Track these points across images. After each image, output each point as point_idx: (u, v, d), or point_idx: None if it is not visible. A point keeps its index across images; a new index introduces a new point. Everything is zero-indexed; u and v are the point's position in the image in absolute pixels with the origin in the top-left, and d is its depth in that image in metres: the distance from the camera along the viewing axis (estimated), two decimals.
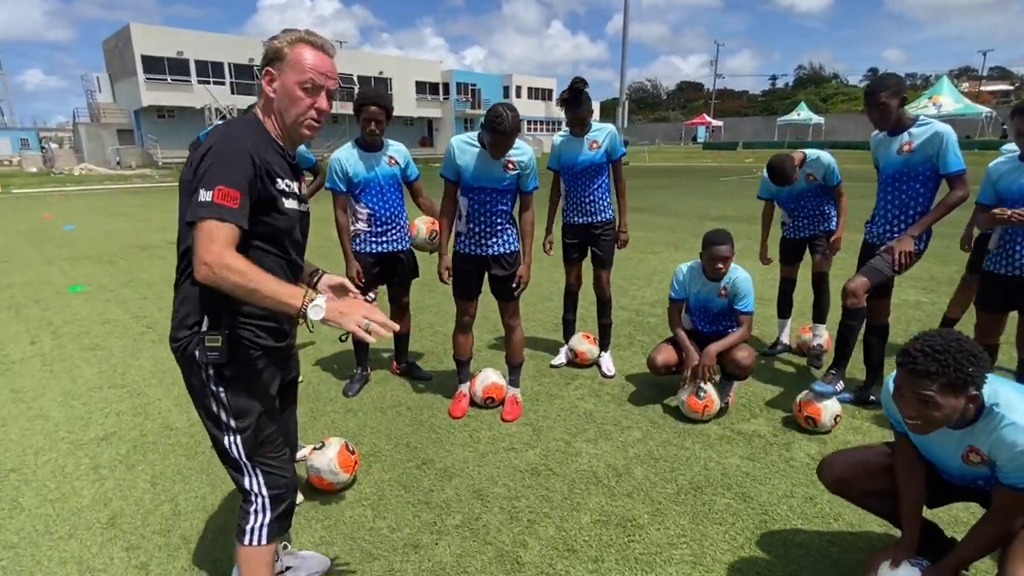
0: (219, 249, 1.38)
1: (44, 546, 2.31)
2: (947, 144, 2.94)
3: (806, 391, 3.18)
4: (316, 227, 1.99)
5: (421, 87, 44.90)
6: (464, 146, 3.04)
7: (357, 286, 3.45)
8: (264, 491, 1.69)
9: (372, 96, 3.29)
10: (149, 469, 2.84)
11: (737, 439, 3.04)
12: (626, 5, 35.21)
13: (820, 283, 4.15)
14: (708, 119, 53.71)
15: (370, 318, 1.42)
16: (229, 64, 35.61)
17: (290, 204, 1.63)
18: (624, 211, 3.81)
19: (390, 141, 3.51)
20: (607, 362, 3.99)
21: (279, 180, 1.59)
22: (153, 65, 32.71)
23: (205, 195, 1.41)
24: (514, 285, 3.19)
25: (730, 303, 3.31)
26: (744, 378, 3.38)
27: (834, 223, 4.04)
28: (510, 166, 3.03)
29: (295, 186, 1.67)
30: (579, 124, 3.61)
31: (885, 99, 2.97)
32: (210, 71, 34.92)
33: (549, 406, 3.46)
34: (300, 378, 3.86)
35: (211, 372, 1.58)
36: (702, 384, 3.15)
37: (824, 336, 4.16)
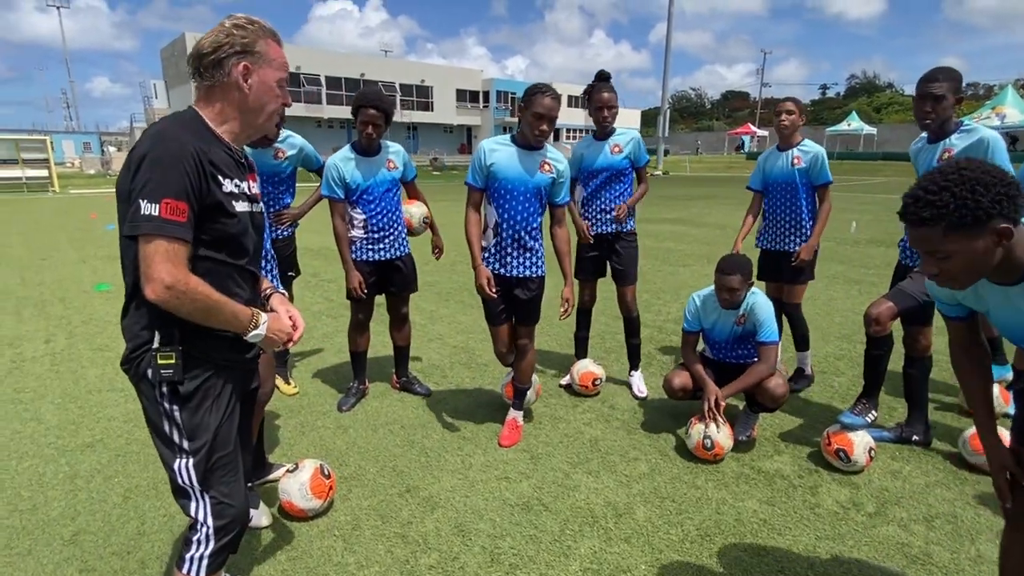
0: (183, 273, 1.33)
1: (0, 561, 2.20)
2: (992, 152, 2.54)
3: (834, 423, 2.84)
4: (317, 236, 1.82)
5: (462, 95, 45.30)
6: (495, 146, 2.85)
7: (359, 297, 3.31)
8: (210, 520, 1.53)
9: (371, 98, 3.11)
10: (125, 481, 2.72)
11: (757, 479, 2.72)
12: (670, 14, 34.72)
13: (791, 311, 3.75)
14: (753, 128, 52.27)
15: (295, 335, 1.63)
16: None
17: (240, 206, 1.49)
18: (635, 199, 3.54)
19: (388, 143, 3.33)
20: (638, 382, 3.72)
21: (226, 181, 1.44)
22: None
23: (150, 208, 1.29)
24: (562, 309, 2.96)
25: (750, 332, 2.99)
26: (774, 410, 3.05)
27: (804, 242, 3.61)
28: (546, 167, 2.82)
29: (245, 186, 1.52)
30: (601, 109, 3.35)
31: (941, 90, 2.60)
32: None
33: (552, 431, 3.21)
34: (295, 390, 3.79)
35: (164, 390, 1.45)
36: (710, 429, 2.82)
37: (807, 365, 3.81)
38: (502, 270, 2.92)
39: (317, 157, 3.63)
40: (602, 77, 3.42)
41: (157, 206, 1.29)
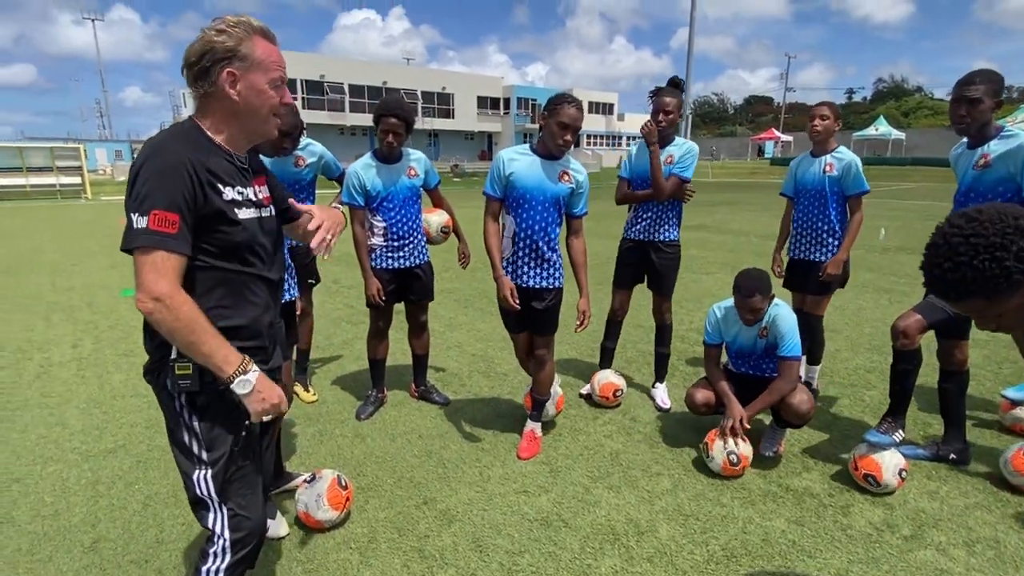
0: (170, 286, 1.30)
1: (22, 567, 2.21)
2: None
3: (860, 444, 2.73)
4: (338, 242, 1.79)
5: (483, 102, 45.48)
6: (515, 155, 2.83)
7: (378, 305, 3.29)
8: (227, 533, 1.52)
9: (392, 106, 3.10)
10: (145, 488, 2.73)
11: (785, 497, 2.62)
12: (692, 19, 34.42)
13: (812, 322, 3.64)
14: (777, 134, 51.59)
15: (275, 410, 1.46)
16: (301, 80, 37.26)
17: (245, 213, 1.46)
18: (842, 256, 3.45)
19: (409, 150, 3.32)
20: (662, 394, 3.64)
21: (227, 189, 1.41)
22: None
23: (140, 220, 1.28)
24: (578, 322, 2.92)
25: (773, 345, 2.90)
26: (800, 426, 2.95)
27: (833, 253, 3.49)
28: (566, 177, 2.78)
29: (250, 192, 1.50)
30: (657, 113, 3.30)
31: (977, 93, 2.50)
32: None
33: (572, 443, 3.15)
34: (314, 397, 3.79)
35: (183, 401, 1.45)
36: (731, 444, 2.73)
37: (815, 379, 3.70)
38: (518, 281, 2.88)
39: (337, 164, 3.64)
40: (673, 83, 3.40)
41: (146, 218, 1.28)
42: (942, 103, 69.01)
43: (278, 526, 2.36)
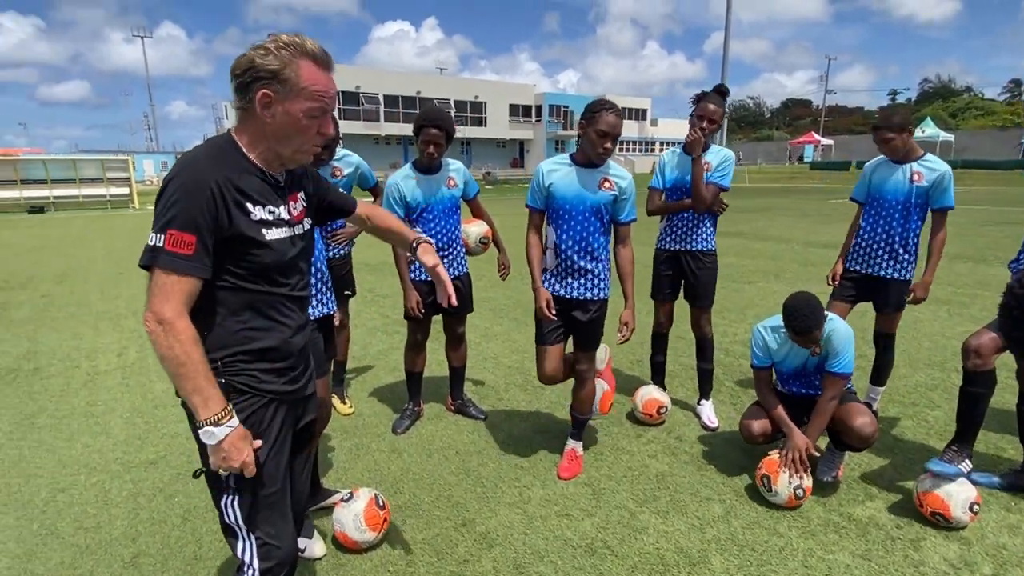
0: (175, 311, 1.25)
1: None
2: None
3: (921, 476, 2.53)
4: (373, 251, 1.76)
5: (514, 109, 45.67)
6: (554, 166, 2.76)
7: (417, 317, 3.24)
8: (256, 563, 1.47)
9: (433, 117, 3.06)
10: (185, 502, 2.72)
11: (848, 528, 2.45)
12: (727, 22, 33.88)
13: (885, 341, 3.42)
14: (816, 137, 50.16)
15: (237, 468, 1.35)
16: (338, 92, 38.04)
17: (275, 233, 1.40)
18: (699, 177, 3.21)
19: (449, 160, 3.27)
20: (708, 412, 3.48)
21: (256, 208, 1.37)
22: None
23: (156, 238, 1.25)
24: (620, 334, 2.80)
25: (825, 361, 2.71)
26: (862, 450, 2.76)
27: (910, 268, 3.24)
28: (607, 184, 2.68)
29: (283, 210, 1.44)
30: (702, 119, 3.16)
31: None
32: None
33: (615, 463, 3.02)
34: (351, 409, 3.75)
35: None
36: (801, 480, 2.54)
37: (877, 401, 3.47)
38: (562, 291, 2.79)
39: (372, 175, 3.62)
40: (719, 91, 3.28)
41: (162, 237, 1.25)
42: (993, 103, 66.29)
43: (314, 546, 2.31)
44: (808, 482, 2.56)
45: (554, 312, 2.72)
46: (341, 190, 3.48)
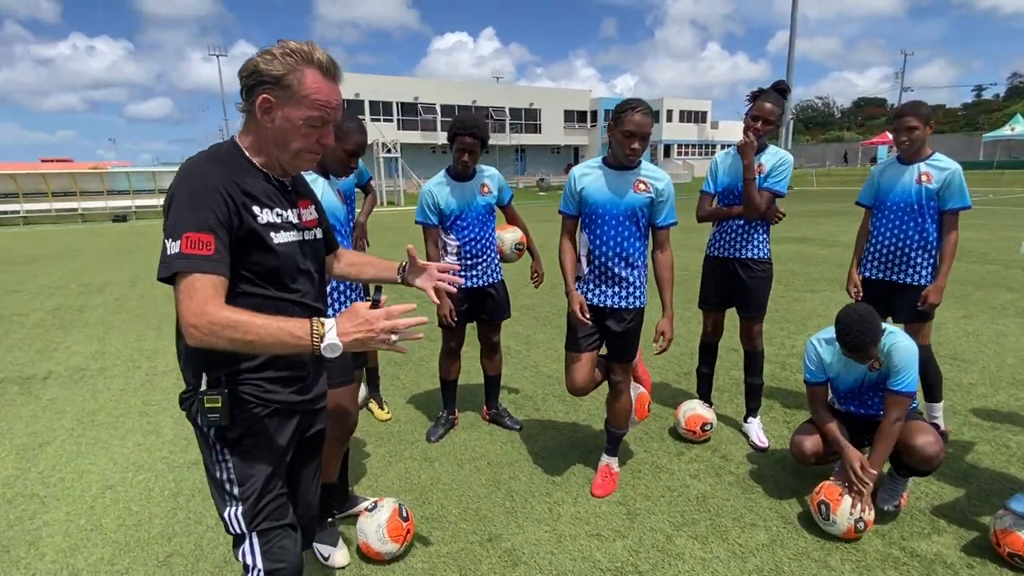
0: (200, 305, 1.20)
1: None
2: None
3: (999, 512, 2.24)
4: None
5: (569, 115, 45.58)
6: (586, 170, 2.67)
7: (450, 325, 3.21)
8: (260, 563, 1.44)
9: (468, 125, 3.02)
10: None
11: (909, 564, 2.20)
12: (793, 20, 32.59)
13: (923, 356, 3.09)
14: (891, 137, 47.39)
15: (396, 327, 1.24)
16: (397, 103, 39.25)
17: (283, 237, 1.39)
18: (750, 183, 3.01)
19: (483, 167, 3.24)
20: (757, 430, 3.25)
21: (263, 211, 1.35)
22: None
23: (172, 246, 1.23)
24: (655, 343, 2.67)
25: (885, 377, 2.47)
26: (928, 474, 2.50)
27: (928, 274, 3.01)
28: (641, 187, 2.55)
29: (290, 214, 1.42)
30: (757, 119, 2.98)
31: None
32: (381, 110, 38.74)
33: (652, 482, 2.86)
34: (388, 415, 3.76)
35: (214, 436, 1.39)
36: (863, 512, 2.31)
37: (939, 419, 3.15)
38: (595, 299, 2.68)
39: (368, 172, 3.85)
40: (778, 89, 3.08)
41: (178, 243, 1.22)
42: None
43: (337, 555, 2.30)
44: (871, 515, 2.33)
45: (588, 317, 2.61)
46: (353, 190, 3.52)
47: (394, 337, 1.25)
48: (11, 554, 2.43)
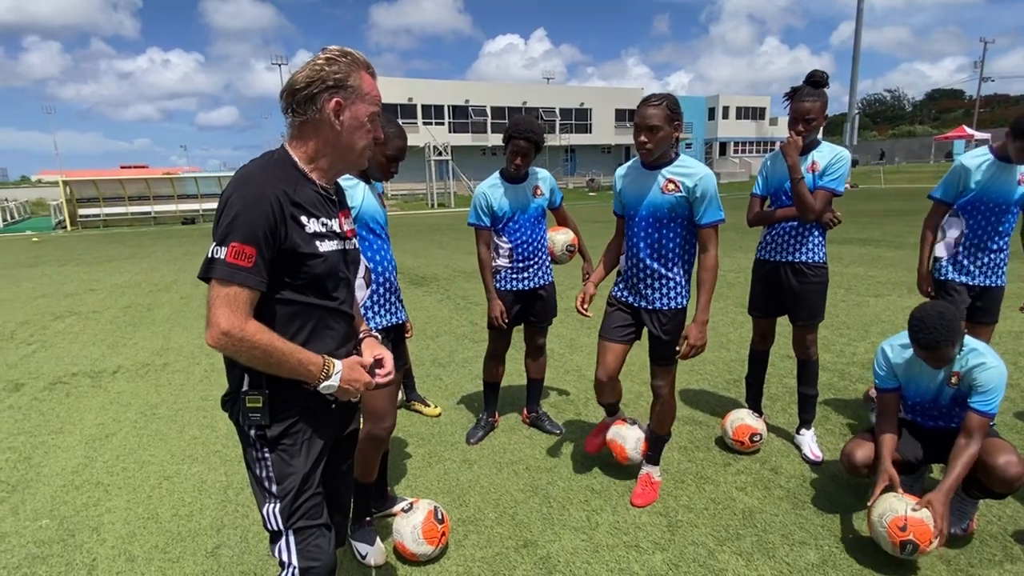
0: (240, 320, 1.29)
1: (156, 563, 2.39)
2: None
3: None
4: (470, 258, 1.75)
5: (620, 115, 44.91)
6: (624, 170, 2.66)
7: (500, 327, 3.21)
8: (295, 560, 1.48)
9: (523, 129, 3.01)
10: None
11: None
12: (859, 11, 31.04)
13: None
14: (969, 131, 44.21)
15: (370, 385, 1.51)
16: (448, 106, 39.78)
17: (327, 246, 1.44)
18: (798, 183, 2.84)
19: (536, 169, 3.24)
20: (810, 442, 3.08)
21: (311, 221, 1.40)
22: (388, 111, 38.22)
23: (219, 251, 1.29)
24: (676, 347, 2.56)
25: (964, 395, 2.28)
26: (1004, 496, 2.29)
27: (1004, 274, 2.92)
28: (671, 186, 2.45)
29: (335, 223, 1.48)
30: (796, 121, 2.81)
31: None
32: (432, 113, 39.38)
33: (696, 494, 2.76)
34: (438, 411, 3.78)
35: (254, 434, 1.44)
36: (896, 504, 2.15)
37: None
38: (630, 298, 2.63)
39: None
40: (811, 79, 2.84)
41: (225, 250, 1.28)
42: None
43: (373, 554, 2.32)
44: (918, 514, 2.12)
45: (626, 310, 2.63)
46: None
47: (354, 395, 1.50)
48: (76, 538, 2.58)
